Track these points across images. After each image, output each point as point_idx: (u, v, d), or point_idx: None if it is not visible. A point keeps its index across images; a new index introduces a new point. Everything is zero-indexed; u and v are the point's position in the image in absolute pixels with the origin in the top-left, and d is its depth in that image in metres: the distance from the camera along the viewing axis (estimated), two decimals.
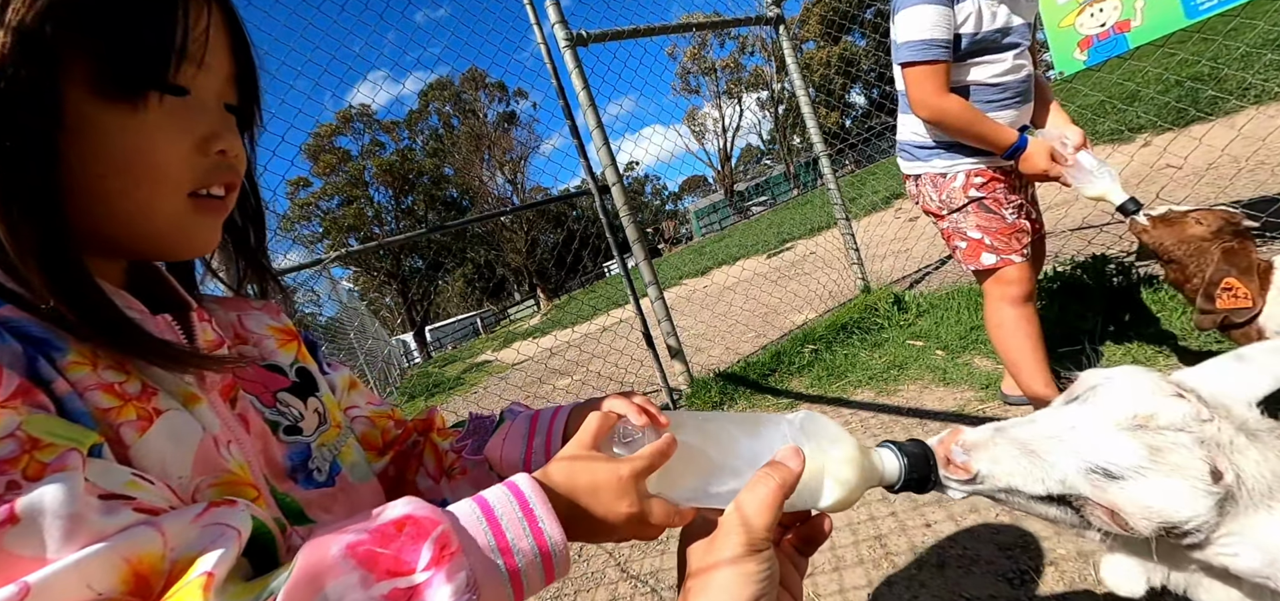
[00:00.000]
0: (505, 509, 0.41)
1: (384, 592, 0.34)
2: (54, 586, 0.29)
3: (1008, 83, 1.66)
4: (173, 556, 0.33)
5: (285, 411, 0.54)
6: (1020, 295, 1.71)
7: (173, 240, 0.46)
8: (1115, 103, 5.86)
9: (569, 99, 3.02)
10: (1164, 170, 4.04)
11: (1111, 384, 0.53)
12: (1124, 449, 0.48)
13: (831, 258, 4.57)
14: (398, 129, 33.75)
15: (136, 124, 0.40)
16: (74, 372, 0.37)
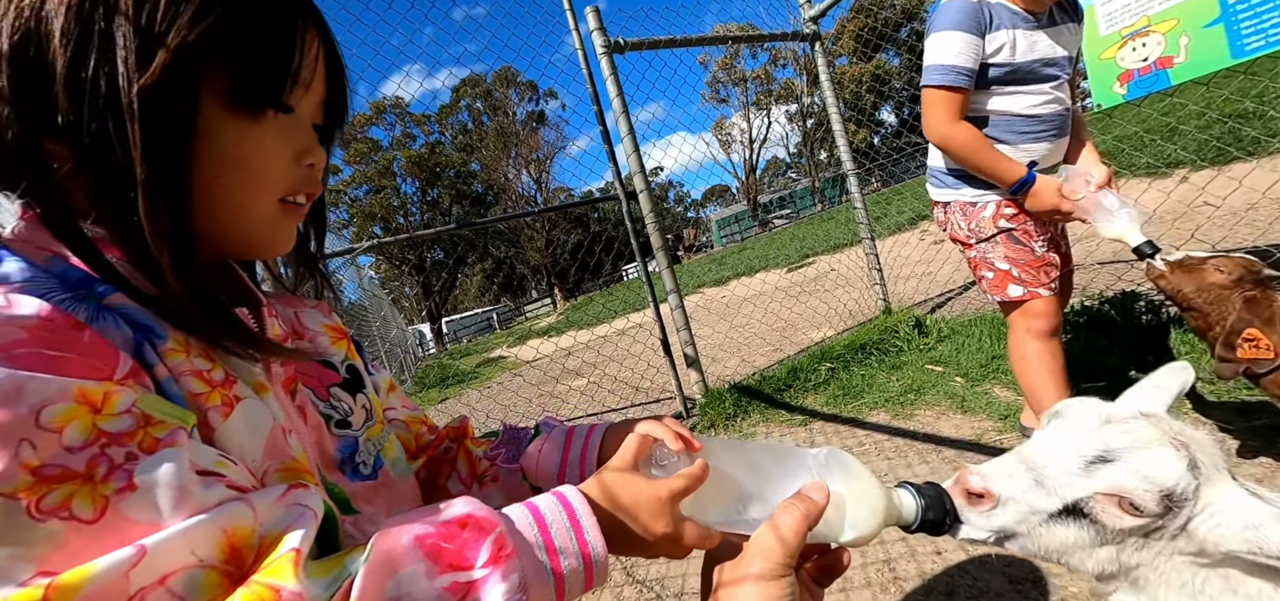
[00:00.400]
0: (555, 517, 0.45)
1: (446, 584, 0.38)
2: (165, 550, 0.32)
3: (1043, 115, 1.65)
4: (262, 531, 0.36)
5: (337, 406, 0.58)
6: (1046, 329, 1.70)
7: (261, 239, 0.50)
8: (1154, 137, 5.74)
9: (603, 103, 3.06)
10: (1201, 208, 3.95)
11: (1069, 406, 0.62)
12: (1107, 436, 0.56)
13: (853, 276, 4.54)
14: (429, 122, 34.33)
15: (253, 134, 0.45)
16: (172, 359, 0.40)
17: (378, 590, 0.36)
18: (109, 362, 0.36)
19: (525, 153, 34.44)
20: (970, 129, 1.63)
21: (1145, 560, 0.56)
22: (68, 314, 0.35)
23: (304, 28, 0.46)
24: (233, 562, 0.35)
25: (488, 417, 5.39)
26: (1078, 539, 0.56)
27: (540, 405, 5.18)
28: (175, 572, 0.32)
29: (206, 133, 0.42)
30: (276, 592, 0.33)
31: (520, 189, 34.58)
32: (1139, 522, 0.54)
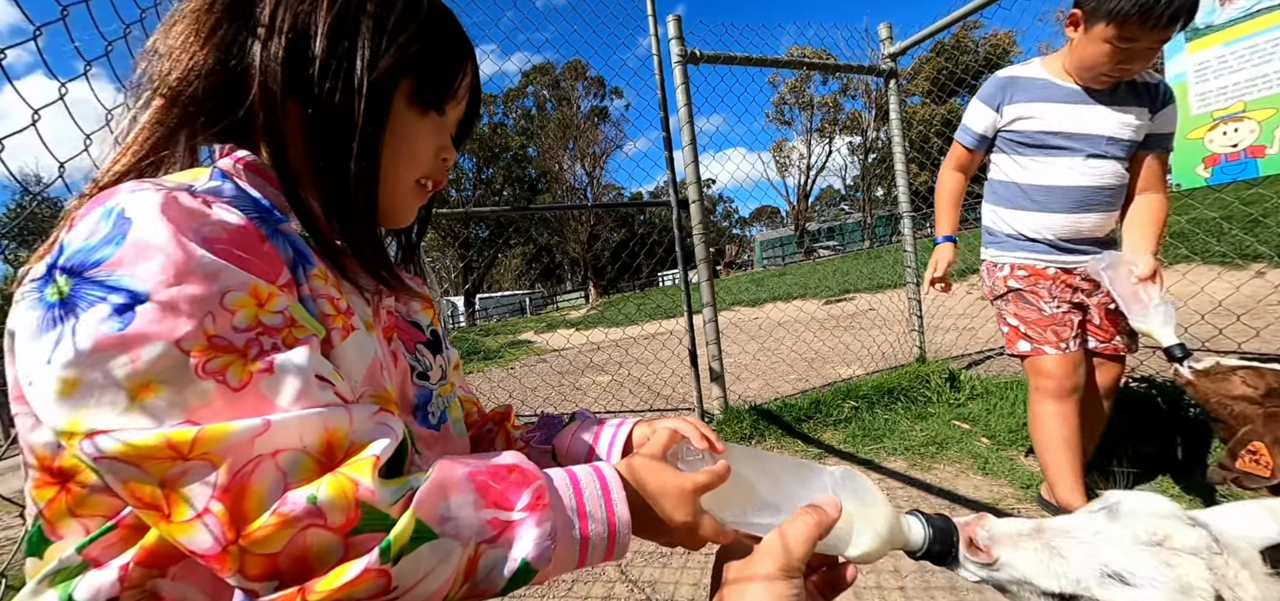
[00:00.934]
0: (590, 486, 0.50)
1: (488, 518, 0.44)
2: (283, 429, 0.39)
3: (1062, 189, 1.70)
4: (353, 436, 0.43)
5: (420, 359, 0.68)
6: (1057, 389, 1.71)
7: (399, 206, 0.62)
8: (1235, 225, 5.42)
9: (670, 110, 3.09)
10: (1274, 306, 3.72)
11: (1133, 501, 0.57)
12: (1141, 560, 0.52)
13: (891, 318, 4.45)
14: (495, 103, 35.14)
15: (418, 125, 0.58)
16: (315, 283, 0.49)
17: (432, 505, 0.42)
18: (276, 270, 0.45)
19: (583, 146, 34.87)
20: (951, 178, 1.91)
21: None
22: (257, 227, 0.45)
23: (467, 61, 0.61)
24: (326, 455, 0.41)
25: (510, 397, 5.49)
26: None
27: (560, 394, 5.25)
28: (284, 451, 0.39)
29: (395, 116, 0.56)
30: (355, 484, 0.40)
31: (572, 180, 35.02)
32: None
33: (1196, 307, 3.95)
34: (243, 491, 0.37)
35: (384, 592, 0.39)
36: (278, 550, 0.37)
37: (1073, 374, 1.70)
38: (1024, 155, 1.76)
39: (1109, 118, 1.64)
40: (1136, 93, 1.65)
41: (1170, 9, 1.39)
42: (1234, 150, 2.35)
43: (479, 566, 0.43)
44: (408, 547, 0.39)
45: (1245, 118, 2.33)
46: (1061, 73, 1.70)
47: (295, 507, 0.37)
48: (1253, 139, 2.30)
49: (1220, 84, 2.38)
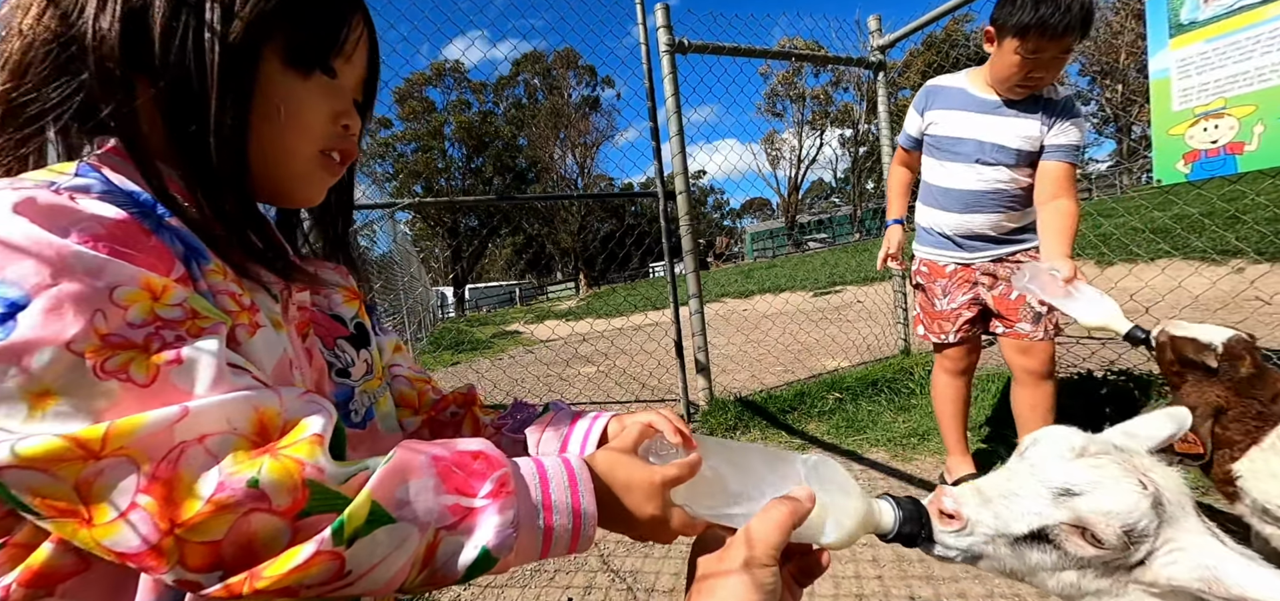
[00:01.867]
0: (557, 476, 0.49)
1: (448, 503, 0.43)
2: (205, 413, 0.38)
3: (955, 191, 1.92)
4: (286, 415, 0.42)
5: (340, 356, 0.64)
6: (951, 369, 2.08)
7: (299, 183, 0.57)
8: (1214, 222, 5.49)
9: (657, 100, 3.07)
10: (1250, 301, 3.78)
11: (1046, 435, 0.65)
12: (1076, 471, 0.59)
13: (878, 311, 4.47)
14: (485, 91, 34.79)
15: (303, 88, 0.53)
16: (212, 278, 0.46)
17: (390, 488, 0.41)
18: (167, 264, 0.42)
19: (573, 136, 34.67)
20: (897, 171, 2.17)
21: (1104, 587, 0.59)
22: (139, 221, 0.42)
23: (351, 12, 0.55)
24: (259, 434, 0.40)
25: (494, 388, 5.47)
26: (1041, 562, 0.60)
27: (546, 385, 5.24)
28: (212, 435, 0.37)
29: (265, 82, 0.50)
30: (300, 464, 0.38)
31: (563, 171, 34.83)
32: (1100, 553, 0.57)
33: (1174, 302, 4.00)
34: (172, 480, 0.35)
35: (337, 577, 0.38)
36: (219, 537, 0.36)
37: (961, 358, 2.06)
38: (932, 157, 1.99)
39: (1001, 128, 1.80)
40: (1036, 106, 1.78)
41: (1065, 21, 1.55)
42: (1214, 146, 2.37)
43: (438, 553, 0.42)
44: (362, 530, 0.38)
45: (1225, 114, 2.34)
46: (982, 84, 1.85)
47: (234, 491, 0.36)
48: (1232, 136, 2.31)
49: (1202, 80, 2.39)
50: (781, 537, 0.46)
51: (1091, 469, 0.58)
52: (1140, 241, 5.95)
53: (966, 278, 1.97)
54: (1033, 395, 1.90)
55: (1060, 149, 1.76)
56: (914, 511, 0.58)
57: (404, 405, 0.73)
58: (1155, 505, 0.56)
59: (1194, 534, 0.56)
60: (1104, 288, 1.97)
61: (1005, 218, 1.88)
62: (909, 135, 2.06)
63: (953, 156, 1.90)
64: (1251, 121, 2.40)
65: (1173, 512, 0.57)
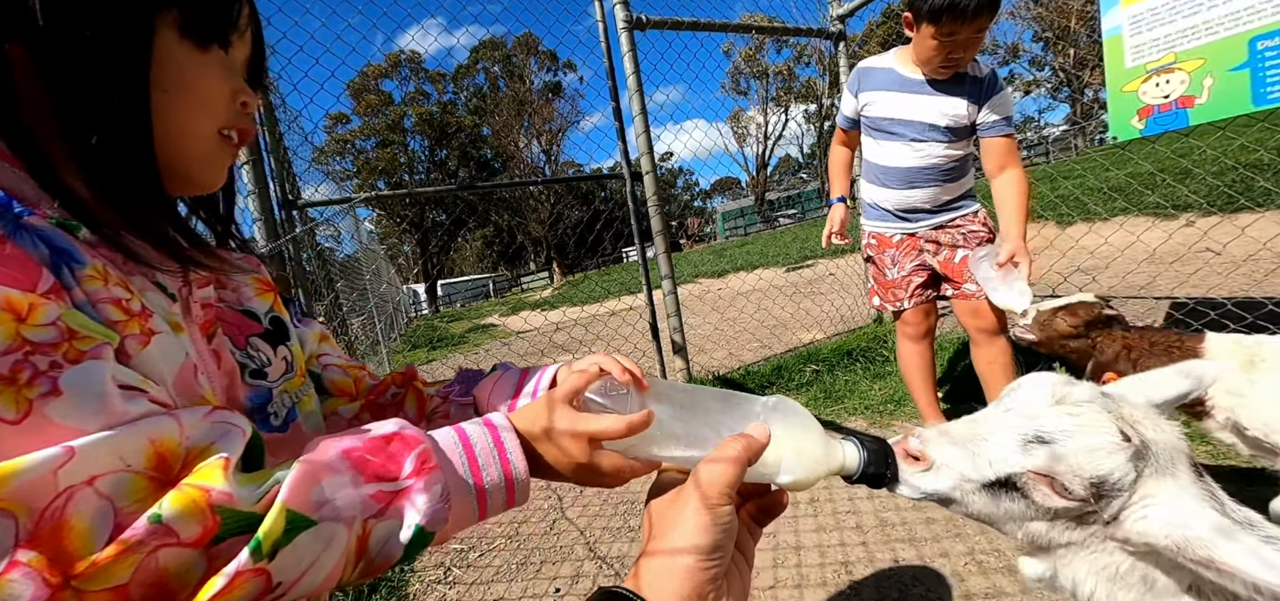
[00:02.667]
0: (480, 439, 0.48)
1: (370, 492, 0.41)
2: (93, 453, 0.34)
3: (894, 168, 1.99)
4: (188, 443, 0.38)
5: (254, 355, 0.60)
6: (912, 334, 2.13)
7: (199, 164, 0.53)
8: (1167, 176, 5.69)
9: (618, 80, 3.00)
10: (1202, 252, 3.92)
11: (1029, 381, 0.62)
12: (1050, 417, 0.56)
13: (850, 282, 4.52)
14: (444, 81, 33.94)
15: (198, 63, 0.49)
16: (89, 284, 0.41)
17: (304, 493, 0.38)
18: (31, 275, 0.36)
19: (538, 123, 34.14)
20: (837, 151, 2.21)
21: (1077, 540, 0.57)
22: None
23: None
24: (159, 470, 0.36)
25: None
26: (1010, 510, 0.57)
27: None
28: (103, 475, 0.34)
29: (162, 54, 0.46)
30: (206, 492, 0.35)
31: (529, 159, 34.32)
32: (1069, 504, 0.54)
33: (1133, 256, 4.14)
34: (59, 530, 0.32)
35: (267, 591, 0.36)
36: (124, 581, 0.33)
37: (919, 322, 2.11)
38: (870, 137, 2.06)
39: (932, 106, 1.87)
40: (963, 84, 1.84)
41: (974, 3, 1.61)
42: (1166, 101, 2.42)
43: (370, 542, 0.41)
44: (282, 541, 0.37)
45: (1176, 69, 2.39)
46: (909, 64, 1.90)
47: (135, 532, 0.33)
48: (1183, 89, 2.37)
49: (1152, 36, 2.44)
50: (736, 474, 0.43)
51: (1068, 416, 0.56)
52: (1097, 200, 6.13)
53: (912, 246, 2.07)
54: (988, 352, 2.01)
55: (996, 124, 1.86)
56: (880, 451, 0.55)
57: (340, 394, 0.70)
58: (1135, 458, 0.53)
59: (1177, 492, 0.53)
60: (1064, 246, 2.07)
61: (941, 190, 1.99)
62: (846, 115, 2.12)
63: (888, 136, 1.97)
64: (1201, 75, 2.46)
65: (1161, 467, 0.54)
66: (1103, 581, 0.57)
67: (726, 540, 0.42)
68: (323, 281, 3.32)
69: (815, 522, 1.85)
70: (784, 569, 1.65)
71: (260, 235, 2.26)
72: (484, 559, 2.01)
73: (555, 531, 2.10)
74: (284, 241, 2.31)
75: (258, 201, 2.23)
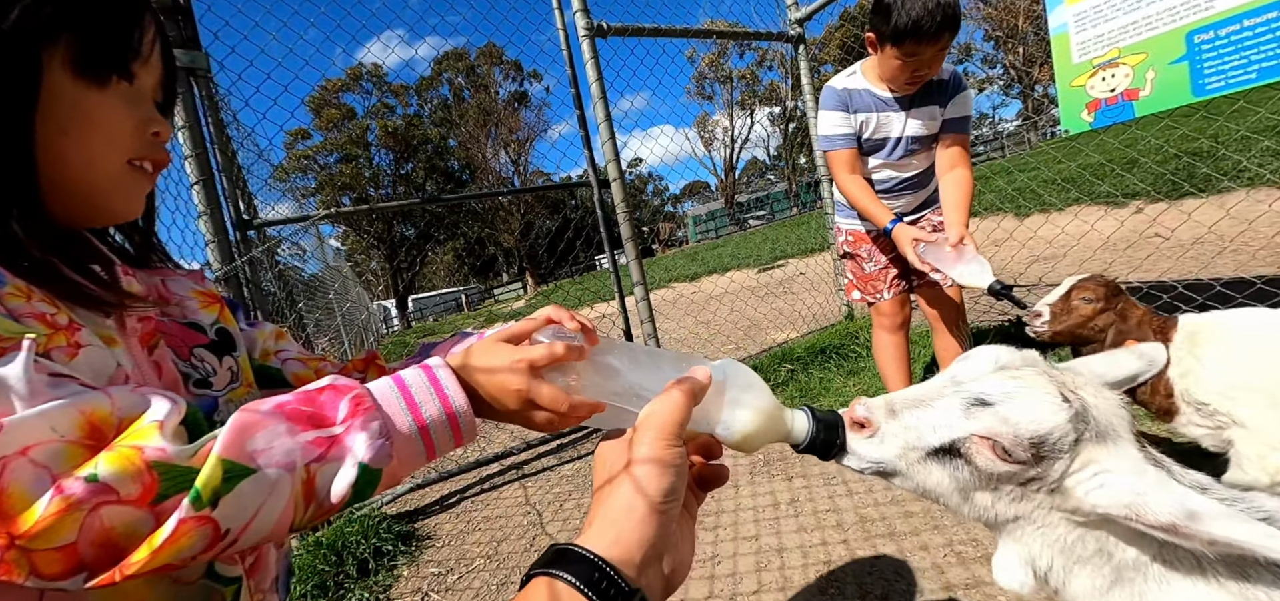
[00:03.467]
0: (415, 380, 0.49)
1: (309, 439, 0.42)
2: (24, 427, 0.35)
3: (883, 178, 2.05)
4: (120, 413, 0.40)
5: (198, 366, 0.60)
6: (888, 325, 2.16)
7: (109, 196, 0.52)
8: (1115, 166, 5.93)
9: (581, 88, 2.99)
10: (1151, 238, 4.09)
11: (975, 352, 0.63)
12: (992, 382, 0.57)
13: (820, 280, 4.58)
14: (407, 94, 33.38)
15: (98, 98, 0.49)
16: (10, 301, 0.42)
17: (238, 444, 0.39)
18: None
19: (505, 133, 33.84)
20: (856, 180, 2.00)
21: (1023, 513, 0.57)
22: None
23: (140, 8, 0.51)
24: (92, 438, 0.38)
25: None
26: (954, 480, 0.57)
27: None
28: (36, 445, 0.35)
29: (54, 94, 0.46)
30: (140, 450, 0.37)
31: (497, 169, 33.98)
32: (1011, 468, 0.54)
33: (1088, 244, 4.29)
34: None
35: (216, 540, 0.38)
36: (72, 539, 0.35)
37: (896, 313, 2.15)
38: (866, 152, 2.05)
39: (912, 121, 1.93)
40: (932, 92, 1.91)
41: (935, 23, 1.65)
42: (1113, 94, 2.52)
43: (316, 485, 0.42)
44: (222, 489, 0.38)
45: (1120, 63, 2.49)
46: (877, 81, 1.94)
47: (72, 491, 0.35)
48: (1128, 83, 2.47)
49: (1097, 33, 2.54)
50: (682, 415, 0.43)
51: (1009, 380, 0.56)
52: (1052, 191, 6.36)
53: (888, 241, 2.11)
54: (947, 340, 2.13)
55: (955, 122, 1.94)
56: (832, 422, 0.56)
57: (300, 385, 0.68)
58: (1075, 420, 0.53)
59: (1122, 457, 0.53)
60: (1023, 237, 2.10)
61: (915, 196, 2.11)
62: (845, 134, 1.98)
63: (876, 151, 2.02)
64: (1144, 68, 2.57)
65: (1102, 432, 0.54)
66: (1057, 554, 0.57)
67: (679, 483, 0.41)
68: (284, 302, 3.21)
69: (796, 523, 1.86)
70: (768, 572, 1.65)
71: (213, 257, 2.18)
72: (462, 580, 1.96)
73: (536, 548, 2.06)
74: (240, 263, 2.22)
75: (210, 222, 2.14)
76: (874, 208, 1.95)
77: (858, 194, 1.97)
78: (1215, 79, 2.46)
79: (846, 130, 1.98)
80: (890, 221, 1.91)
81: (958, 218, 1.86)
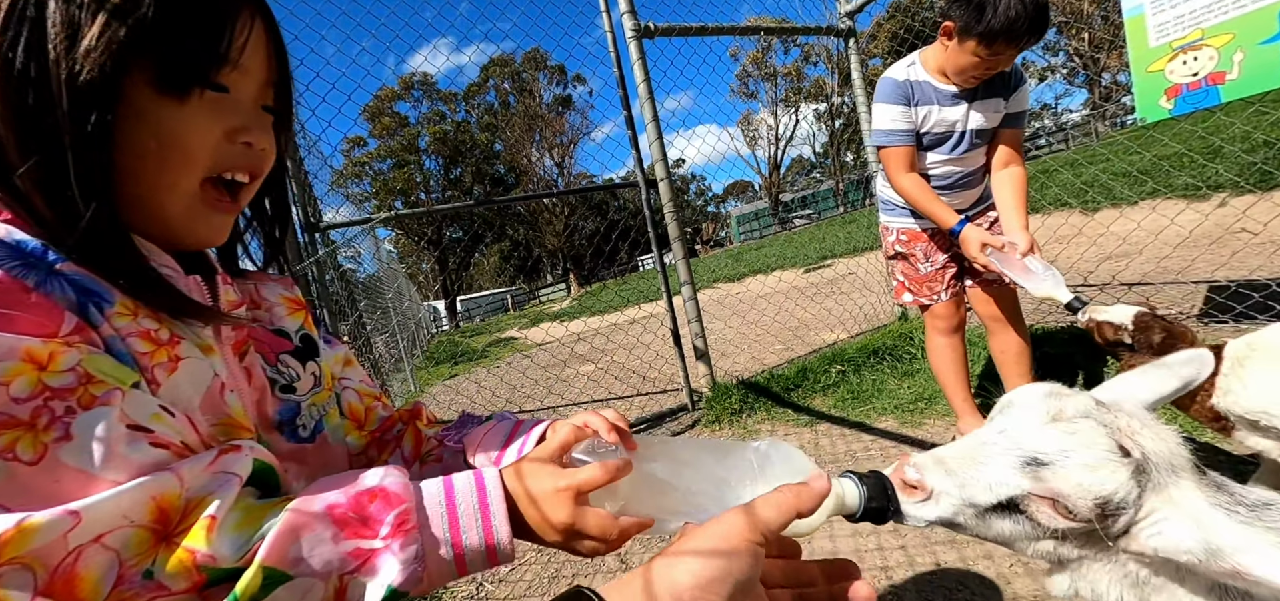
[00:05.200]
0: (465, 498, 0.48)
1: (348, 549, 0.43)
2: (99, 513, 0.36)
3: (942, 174, 1.96)
4: (187, 495, 0.41)
5: (284, 371, 0.62)
6: (945, 328, 2.07)
7: (182, 225, 0.51)
8: (1196, 156, 5.52)
9: (629, 88, 3.02)
10: (1239, 234, 3.79)
11: (1021, 396, 0.61)
12: (1047, 438, 0.55)
13: (871, 280, 4.45)
14: (455, 100, 34.42)
15: (181, 114, 0.47)
16: (118, 321, 0.44)
17: (283, 549, 0.40)
18: (54, 321, 0.40)
19: (549, 136, 34.41)
20: (915, 179, 1.91)
21: (1088, 555, 0.57)
22: (17, 278, 0.39)
23: (233, 13, 0.48)
24: (160, 522, 0.39)
25: (493, 396, 5.40)
26: (1015, 532, 0.57)
27: (546, 388, 5.18)
28: (109, 532, 0.37)
29: (134, 113, 0.45)
30: (192, 554, 0.38)
31: (542, 172, 34.58)
32: (1073, 525, 0.53)
33: (1166, 241, 4.01)
34: (71, 581, 0.35)
35: None
36: None
37: (953, 315, 2.06)
38: (925, 147, 1.98)
39: (975, 114, 1.86)
40: (993, 85, 1.84)
41: (1028, 26, 1.58)
42: (1195, 79, 2.35)
43: (347, 594, 0.43)
44: (259, 594, 0.39)
45: (1203, 46, 2.32)
46: (938, 74, 1.87)
47: (131, 584, 0.37)
48: (1212, 66, 2.30)
49: (1176, 13, 2.37)
50: (782, 519, 0.42)
51: (1065, 435, 0.54)
52: (1124, 184, 5.98)
53: (943, 240, 2.05)
54: (1001, 341, 2.06)
55: (1015, 116, 1.89)
56: (878, 486, 0.55)
57: (351, 419, 0.71)
58: (1137, 473, 0.52)
59: (1185, 502, 0.51)
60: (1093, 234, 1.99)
61: (974, 192, 2.03)
62: (903, 131, 1.89)
63: (937, 146, 1.94)
64: (1230, 50, 2.38)
65: (1161, 479, 0.52)
66: (1127, 588, 0.56)
67: (747, 575, 0.39)
68: (346, 301, 3.36)
69: (851, 528, 1.81)
70: None
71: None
72: (515, 572, 2.00)
73: None
74: (308, 263, 2.34)
75: None
76: (936, 208, 1.86)
77: (917, 193, 1.89)
78: None
79: (906, 126, 1.89)
80: (958, 223, 1.82)
81: (1019, 220, 1.79)
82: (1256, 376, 1.15)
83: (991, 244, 1.72)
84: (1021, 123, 1.91)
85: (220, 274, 0.59)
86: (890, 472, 0.58)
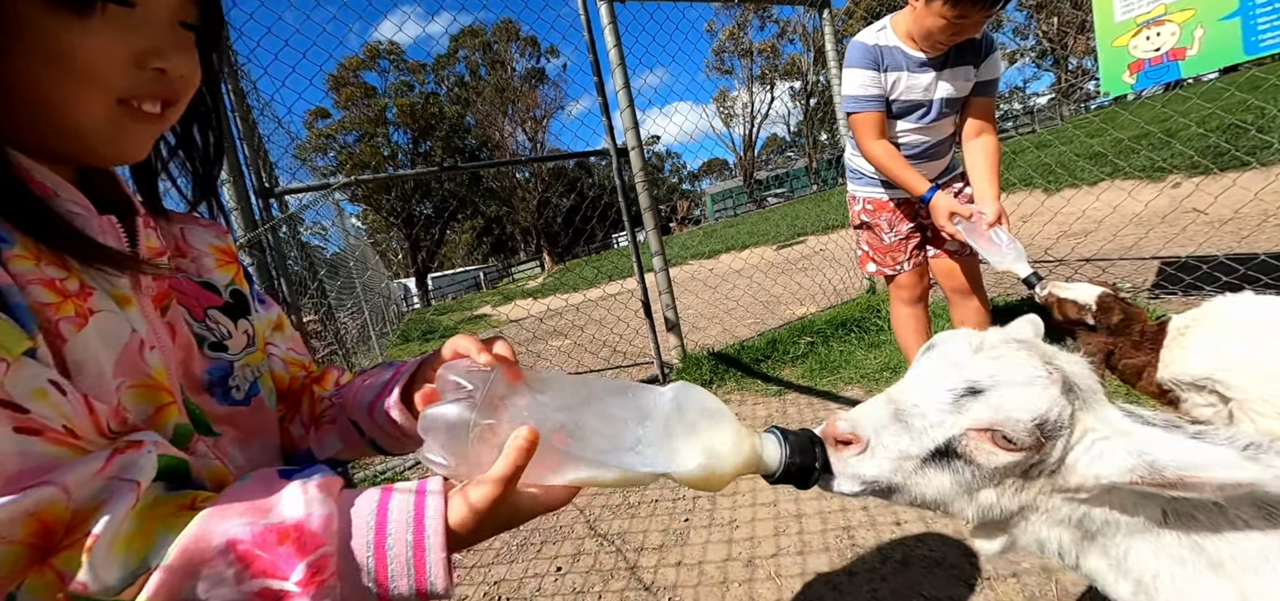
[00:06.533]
0: (398, 538, 0.42)
1: (255, 589, 0.37)
2: None
3: (910, 143, 1.94)
4: (74, 506, 0.36)
5: (213, 328, 0.56)
6: (909, 298, 2.09)
7: (99, 142, 0.45)
8: (1155, 135, 5.70)
9: (600, 56, 2.94)
10: (1189, 213, 3.93)
11: (941, 338, 0.60)
12: (976, 366, 0.53)
13: (841, 255, 4.50)
14: (424, 71, 33.39)
15: (79, 30, 0.40)
16: (17, 265, 0.38)
17: (175, 588, 0.35)
18: None
19: (522, 110, 33.73)
20: (885, 146, 1.88)
21: (1027, 502, 0.55)
22: None
23: None
24: (41, 537, 0.34)
25: None
26: (955, 483, 0.54)
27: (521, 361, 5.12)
28: None
29: (23, 26, 0.39)
30: (61, 577, 0.34)
31: (515, 146, 33.95)
32: (1015, 458, 0.52)
33: (1122, 216, 4.14)
34: None
35: None
36: None
37: (916, 285, 2.08)
38: (894, 115, 1.95)
39: (945, 83, 1.84)
40: (965, 52, 1.82)
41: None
42: (1157, 54, 2.40)
43: None
44: None
45: (1166, 21, 2.37)
46: (908, 39, 1.83)
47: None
48: (1174, 41, 2.35)
49: None
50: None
51: (992, 361, 0.53)
52: (1085, 164, 6.14)
53: (909, 210, 2.06)
54: (963, 311, 2.06)
55: (987, 84, 1.87)
56: (807, 443, 0.51)
57: (279, 388, 0.66)
58: (1066, 390, 0.51)
59: (1112, 420, 0.51)
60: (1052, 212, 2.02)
61: (941, 163, 2.01)
62: (874, 96, 1.86)
63: (906, 115, 1.91)
64: (1191, 26, 2.44)
65: (1086, 399, 0.52)
66: (1066, 533, 0.55)
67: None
68: (307, 273, 3.25)
69: (815, 489, 1.84)
70: (786, 537, 1.64)
71: (237, 225, 2.20)
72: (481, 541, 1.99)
73: (554, 513, 2.08)
74: (263, 230, 2.24)
75: (233, 189, 2.16)
76: (907, 175, 1.82)
77: (887, 160, 1.85)
78: (1269, 35, 2.32)
79: (876, 91, 1.86)
80: (928, 190, 1.80)
81: (991, 190, 1.78)
82: (1198, 343, 1.19)
83: (960, 213, 1.72)
84: (993, 91, 1.89)
85: (141, 215, 0.53)
86: (820, 430, 0.55)
